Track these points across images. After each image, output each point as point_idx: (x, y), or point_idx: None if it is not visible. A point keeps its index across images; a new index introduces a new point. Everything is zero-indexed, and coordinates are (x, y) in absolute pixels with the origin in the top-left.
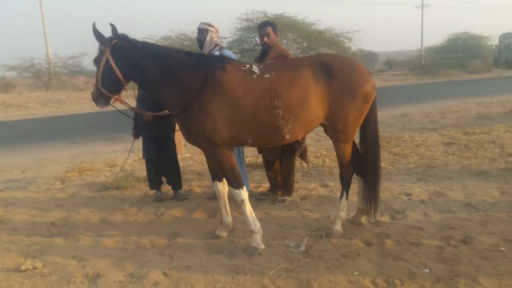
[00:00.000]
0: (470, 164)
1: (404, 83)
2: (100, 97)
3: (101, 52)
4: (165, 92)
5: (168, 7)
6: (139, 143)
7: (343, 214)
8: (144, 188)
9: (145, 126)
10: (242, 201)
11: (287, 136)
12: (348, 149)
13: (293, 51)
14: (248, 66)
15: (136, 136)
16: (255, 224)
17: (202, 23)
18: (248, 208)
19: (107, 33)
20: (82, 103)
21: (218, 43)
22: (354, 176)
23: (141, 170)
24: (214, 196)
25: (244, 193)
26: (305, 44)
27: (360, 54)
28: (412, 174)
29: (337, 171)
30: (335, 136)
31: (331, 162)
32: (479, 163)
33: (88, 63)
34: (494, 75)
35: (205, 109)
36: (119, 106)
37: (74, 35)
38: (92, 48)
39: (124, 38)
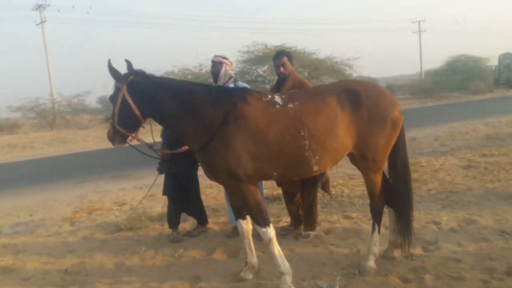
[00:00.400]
0: (494, 188)
1: (407, 107)
2: (117, 136)
3: (117, 89)
4: (184, 127)
5: (169, 42)
6: (148, 180)
7: (376, 249)
8: (158, 227)
9: (165, 162)
10: (270, 240)
11: (315, 168)
12: (378, 178)
13: None
14: (270, 96)
15: (160, 171)
16: (284, 265)
17: (216, 55)
18: (276, 248)
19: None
20: (87, 141)
21: (233, 75)
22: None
23: (151, 207)
24: (233, 234)
25: (271, 231)
26: (306, 73)
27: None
28: (436, 200)
29: (358, 201)
30: (364, 165)
31: (350, 191)
32: (504, 186)
33: (92, 101)
34: (497, 95)
35: (228, 143)
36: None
37: (78, 73)
38: (96, 86)
39: (140, 74)
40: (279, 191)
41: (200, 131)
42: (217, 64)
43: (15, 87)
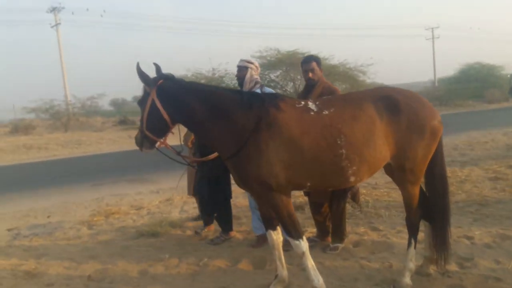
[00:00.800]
0: None
1: None
2: (145, 141)
3: (146, 94)
4: (215, 134)
5: (182, 46)
6: (164, 184)
7: (412, 265)
8: (180, 234)
9: (198, 164)
10: (303, 253)
11: (352, 179)
12: (416, 191)
13: None
14: (303, 102)
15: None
16: (318, 280)
17: (241, 60)
18: (310, 261)
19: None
20: (101, 143)
21: (259, 80)
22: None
23: (169, 212)
24: (257, 244)
25: (304, 244)
26: None
27: (372, 87)
28: (465, 214)
29: (384, 212)
30: (402, 177)
31: (375, 202)
32: None
33: (105, 104)
34: None
35: (260, 151)
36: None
37: (91, 75)
38: (110, 88)
39: (170, 78)
40: (301, 199)
41: (230, 138)
42: (242, 69)
43: (30, 88)
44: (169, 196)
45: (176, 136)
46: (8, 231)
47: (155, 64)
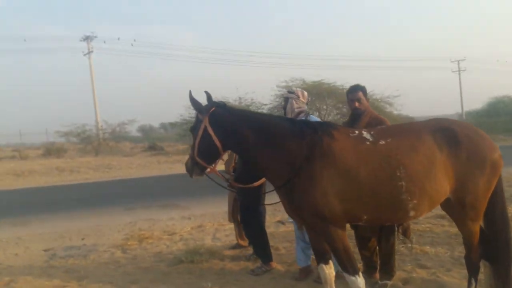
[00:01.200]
0: None
1: None
2: (196, 168)
3: (199, 121)
4: (266, 162)
5: (209, 76)
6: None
7: None
8: (220, 263)
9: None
10: None
11: (411, 213)
12: (477, 228)
13: (333, 116)
14: (357, 132)
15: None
16: None
17: (287, 91)
18: None
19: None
20: (131, 168)
21: (303, 109)
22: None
23: (201, 239)
24: (301, 277)
25: (361, 281)
26: (345, 109)
27: (399, 119)
28: None
29: (429, 249)
30: (462, 213)
31: (418, 238)
32: None
33: (133, 129)
34: None
35: (314, 180)
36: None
37: (120, 102)
38: (138, 115)
39: (222, 106)
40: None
41: (282, 167)
42: (285, 100)
43: (62, 113)
44: (200, 223)
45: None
46: (45, 251)
47: (206, 92)
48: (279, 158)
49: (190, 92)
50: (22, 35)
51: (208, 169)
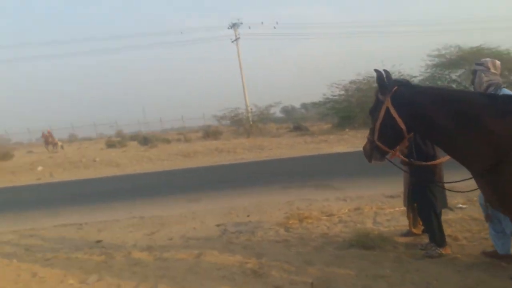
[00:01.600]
0: None
1: None
2: (375, 152)
3: (379, 102)
4: (461, 144)
5: (350, 51)
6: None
7: None
8: (394, 250)
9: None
10: None
11: None
12: None
13: None
14: None
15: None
16: None
17: (474, 63)
18: None
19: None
20: (281, 148)
21: (493, 81)
22: None
23: (362, 222)
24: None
25: None
26: None
27: None
28: None
29: None
30: None
31: None
32: None
33: (276, 111)
34: None
35: None
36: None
37: (265, 85)
38: (281, 96)
39: (405, 84)
40: None
41: (482, 150)
42: (473, 73)
43: (216, 99)
44: (357, 205)
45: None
46: (217, 226)
47: (385, 71)
48: (476, 140)
49: (378, 71)
50: (179, 28)
51: (390, 154)
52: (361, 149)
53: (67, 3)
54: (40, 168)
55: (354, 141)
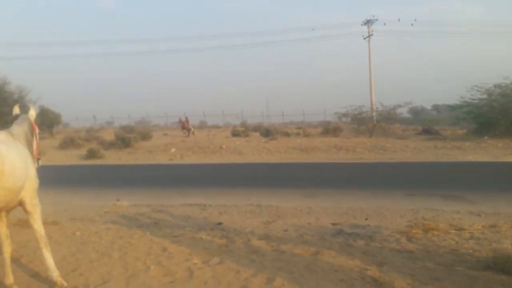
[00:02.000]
0: None
1: None
2: None
3: None
4: None
5: (496, 52)
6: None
7: None
8: None
9: None
10: None
11: None
12: None
13: None
14: None
15: None
16: None
17: None
18: None
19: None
20: (406, 151)
21: None
22: None
23: (497, 241)
24: None
25: None
26: None
27: None
28: None
29: None
30: None
31: None
32: None
33: (403, 111)
34: None
35: None
36: None
37: (394, 83)
38: (410, 95)
39: None
40: None
41: None
42: None
43: (338, 96)
44: (494, 222)
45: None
46: (332, 225)
47: None
48: None
49: None
50: (311, 25)
51: None
52: (503, 159)
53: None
54: (173, 150)
55: (494, 150)
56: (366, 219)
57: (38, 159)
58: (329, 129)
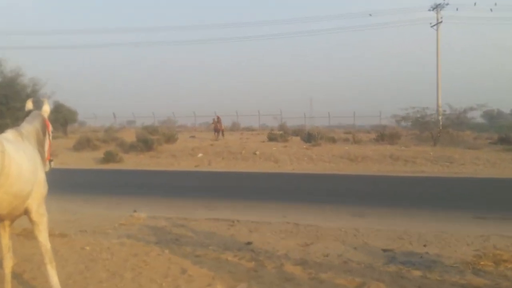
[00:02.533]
0: None
1: None
2: None
3: None
4: None
5: None
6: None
7: None
8: None
9: None
10: None
11: None
12: None
13: None
14: None
15: None
16: None
17: None
18: None
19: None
20: (478, 164)
21: None
22: None
23: None
24: None
25: None
26: None
27: None
28: None
29: None
30: None
31: None
32: None
33: (476, 115)
34: None
35: None
36: None
37: (468, 81)
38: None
39: None
40: None
41: None
42: None
43: (396, 95)
44: None
45: None
46: (383, 251)
47: None
48: None
49: None
50: (368, 10)
51: None
52: None
53: None
54: (200, 155)
55: None
56: (425, 245)
57: (50, 161)
58: (384, 135)
